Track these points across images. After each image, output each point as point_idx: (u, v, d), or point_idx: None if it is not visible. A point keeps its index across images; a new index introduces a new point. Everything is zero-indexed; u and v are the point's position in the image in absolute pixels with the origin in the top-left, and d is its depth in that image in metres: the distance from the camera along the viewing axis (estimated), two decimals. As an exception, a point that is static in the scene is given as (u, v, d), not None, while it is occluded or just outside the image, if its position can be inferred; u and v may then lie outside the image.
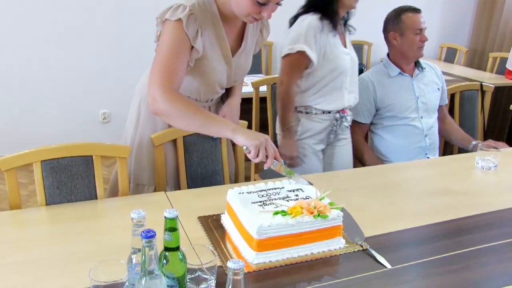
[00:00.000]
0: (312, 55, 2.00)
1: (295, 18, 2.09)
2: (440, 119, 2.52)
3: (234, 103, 1.83)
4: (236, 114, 1.83)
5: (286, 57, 2.04)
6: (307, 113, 2.12)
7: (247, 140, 1.40)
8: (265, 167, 1.41)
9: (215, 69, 1.63)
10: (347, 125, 2.20)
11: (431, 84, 2.42)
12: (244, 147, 1.41)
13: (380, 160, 2.39)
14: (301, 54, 2.00)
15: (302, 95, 2.10)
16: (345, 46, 2.12)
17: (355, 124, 2.33)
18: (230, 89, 1.84)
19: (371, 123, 2.41)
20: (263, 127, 2.46)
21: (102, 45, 3.88)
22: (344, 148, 2.26)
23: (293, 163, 2.03)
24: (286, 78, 2.05)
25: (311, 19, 2.01)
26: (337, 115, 2.14)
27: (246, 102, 2.92)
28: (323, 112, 2.11)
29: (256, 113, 2.57)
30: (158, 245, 0.89)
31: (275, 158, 1.40)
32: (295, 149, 2.07)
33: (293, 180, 1.41)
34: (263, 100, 2.55)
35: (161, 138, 1.74)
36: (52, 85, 3.83)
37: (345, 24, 2.18)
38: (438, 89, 2.45)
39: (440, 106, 2.51)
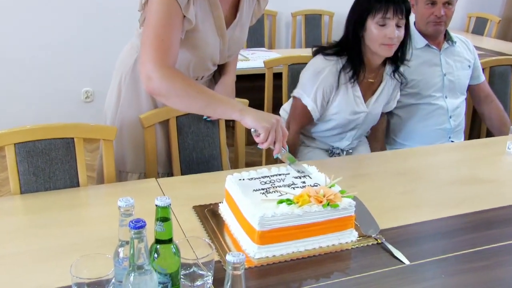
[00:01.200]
0: (315, 111, 2.02)
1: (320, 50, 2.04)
2: (480, 100, 2.48)
3: (228, 82, 1.82)
4: (231, 93, 1.83)
5: (294, 99, 2.09)
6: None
7: (257, 122, 1.40)
8: (275, 154, 1.42)
9: (207, 42, 1.62)
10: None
11: (462, 60, 2.39)
12: (252, 130, 1.42)
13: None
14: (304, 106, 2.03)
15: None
16: (365, 98, 2.05)
17: None
18: (222, 66, 1.83)
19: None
20: (276, 108, 2.43)
21: (84, 17, 3.85)
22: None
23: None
24: (293, 124, 2.10)
25: (329, 71, 1.97)
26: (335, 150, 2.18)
27: (255, 78, 2.95)
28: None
29: (268, 93, 2.54)
30: (149, 237, 0.89)
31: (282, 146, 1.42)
32: None
33: (293, 167, 1.42)
34: (276, 76, 2.52)
35: (151, 119, 1.74)
36: (29, 62, 3.81)
37: (394, 72, 2.08)
38: (469, 66, 2.41)
39: (477, 85, 2.47)
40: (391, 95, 2.19)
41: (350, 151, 2.20)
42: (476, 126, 2.68)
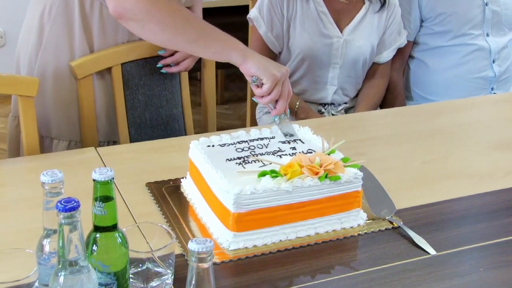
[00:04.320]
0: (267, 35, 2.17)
1: None
2: None
3: None
4: None
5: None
6: None
7: (264, 68, 1.42)
8: (272, 115, 1.44)
9: None
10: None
11: None
12: (253, 78, 1.43)
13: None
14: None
15: None
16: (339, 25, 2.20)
17: None
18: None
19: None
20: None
21: None
22: None
23: None
24: None
25: None
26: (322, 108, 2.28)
27: (237, 12, 2.95)
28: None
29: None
30: (86, 224, 0.89)
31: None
32: None
33: (280, 127, 1.43)
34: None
35: (87, 67, 1.72)
36: None
37: None
38: None
39: None
40: (387, 27, 2.28)
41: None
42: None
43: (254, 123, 2.44)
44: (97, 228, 0.97)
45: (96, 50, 1.73)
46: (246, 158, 1.30)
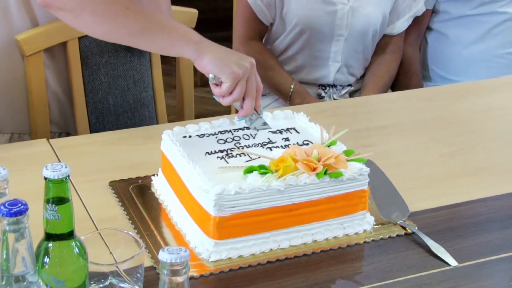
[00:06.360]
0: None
1: None
2: None
3: None
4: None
5: None
6: None
7: (221, 63, 1.40)
8: (239, 116, 1.43)
9: None
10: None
11: None
12: (211, 76, 1.42)
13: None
14: None
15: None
16: None
17: None
18: None
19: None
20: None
21: None
22: None
23: None
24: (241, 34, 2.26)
25: None
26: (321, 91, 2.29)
27: None
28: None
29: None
30: (35, 230, 0.89)
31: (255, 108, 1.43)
32: None
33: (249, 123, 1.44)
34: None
35: (36, 41, 1.72)
36: None
37: None
38: None
39: None
40: None
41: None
42: None
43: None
44: (49, 236, 0.97)
45: (41, 24, 1.73)
46: (229, 151, 1.30)
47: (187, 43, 1.43)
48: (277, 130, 1.40)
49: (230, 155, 1.30)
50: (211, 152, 1.30)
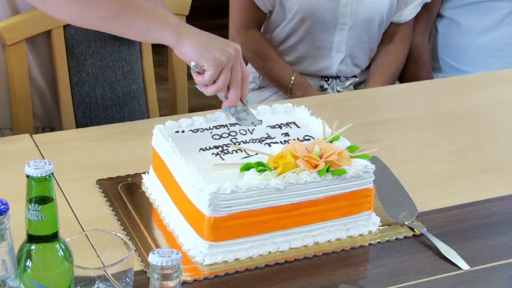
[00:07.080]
0: None
1: None
2: None
3: None
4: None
5: None
6: None
7: (202, 50, 1.39)
8: (224, 107, 1.43)
9: None
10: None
11: None
12: (192, 64, 1.42)
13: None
14: None
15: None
16: None
17: None
18: None
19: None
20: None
21: None
22: None
23: None
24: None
25: None
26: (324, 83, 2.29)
27: None
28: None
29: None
30: (16, 232, 0.89)
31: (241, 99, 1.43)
32: None
33: (239, 121, 1.43)
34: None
35: (19, 29, 1.71)
36: None
37: None
38: None
39: None
40: None
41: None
42: None
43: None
44: (32, 238, 0.97)
45: (22, 11, 1.72)
46: (225, 147, 1.31)
47: (165, 27, 1.42)
48: (276, 124, 1.40)
49: (225, 151, 1.30)
50: (206, 148, 1.30)
